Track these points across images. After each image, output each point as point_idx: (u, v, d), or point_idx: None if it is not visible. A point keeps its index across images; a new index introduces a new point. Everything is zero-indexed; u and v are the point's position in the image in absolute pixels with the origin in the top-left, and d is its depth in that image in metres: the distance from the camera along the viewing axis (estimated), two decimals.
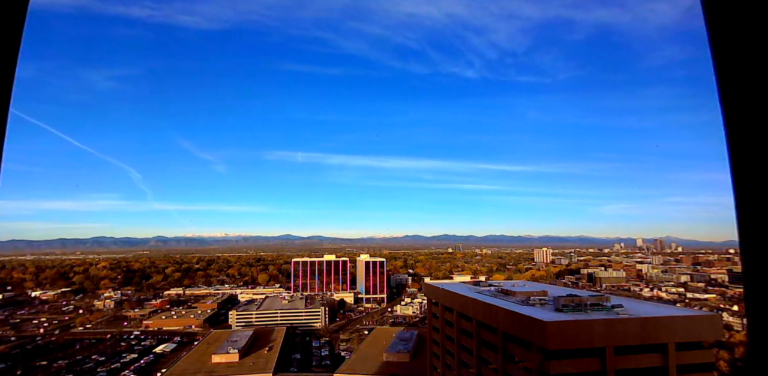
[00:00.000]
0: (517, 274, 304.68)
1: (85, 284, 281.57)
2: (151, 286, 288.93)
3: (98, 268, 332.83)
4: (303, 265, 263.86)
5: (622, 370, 43.54)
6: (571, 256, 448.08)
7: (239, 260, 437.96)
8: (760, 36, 2.30)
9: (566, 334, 43.54)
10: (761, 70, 2.34)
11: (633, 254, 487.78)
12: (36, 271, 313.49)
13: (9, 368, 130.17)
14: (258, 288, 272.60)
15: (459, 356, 63.88)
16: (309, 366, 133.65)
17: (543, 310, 51.08)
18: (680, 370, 44.19)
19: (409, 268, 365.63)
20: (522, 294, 60.97)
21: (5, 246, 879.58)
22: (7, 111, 2.63)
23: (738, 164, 2.37)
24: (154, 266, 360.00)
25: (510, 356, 51.24)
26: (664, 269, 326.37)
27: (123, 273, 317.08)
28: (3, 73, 2.61)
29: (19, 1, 2.65)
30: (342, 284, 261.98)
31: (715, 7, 2.46)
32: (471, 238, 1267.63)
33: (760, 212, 2.32)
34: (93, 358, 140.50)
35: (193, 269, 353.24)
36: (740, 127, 2.38)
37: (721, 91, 2.45)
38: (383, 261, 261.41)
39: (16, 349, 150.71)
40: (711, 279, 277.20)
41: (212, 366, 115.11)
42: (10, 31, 2.61)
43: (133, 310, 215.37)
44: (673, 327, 44.92)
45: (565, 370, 43.52)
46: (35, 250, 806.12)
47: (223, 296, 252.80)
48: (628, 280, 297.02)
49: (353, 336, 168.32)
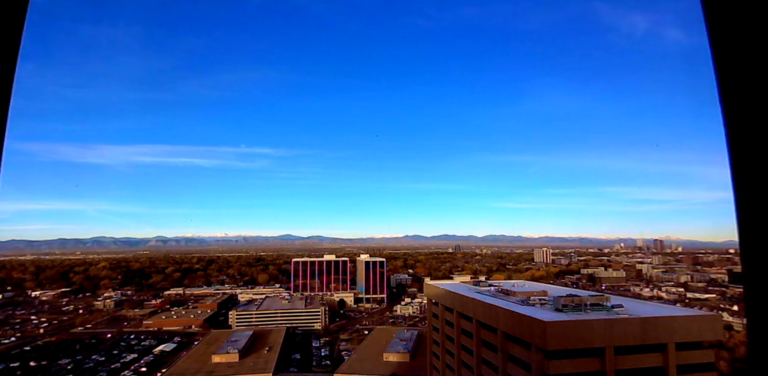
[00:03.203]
0: (517, 274, 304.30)
1: (85, 284, 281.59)
2: (151, 286, 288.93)
3: (98, 268, 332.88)
4: (303, 265, 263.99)
5: (622, 370, 43.57)
6: (571, 256, 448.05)
7: (239, 260, 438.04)
8: (760, 36, 2.29)
9: (566, 334, 43.57)
10: (761, 70, 2.32)
11: (633, 254, 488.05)
12: (36, 271, 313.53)
13: (9, 368, 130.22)
14: (258, 288, 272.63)
15: (459, 356, 63.92)
16: (309, 366, 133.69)
17: (543, 310, 51.10)
18: (680, 370, 44.21)
19: (409, 268, 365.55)
20: (522, 294, 61.00)
21: (5, 246, 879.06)
22: (7, 111, 2.61)
23: (738, 164, 2.35)
24: (154, 266, 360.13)
25: (510, 356, 51.25)
26: (664, 269, 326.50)
27: (123, 273, 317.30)
28: (3, 73, 2.60)
29: (19, 1, 2.65)
30: (342, 284, 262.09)
31: (715, 7, 2.44)
32: (471, 238, 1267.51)
33: (760, 212, 2.31)
34: (93, 358, 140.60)
35: (193, 269, 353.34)
36: (740, 127, 2.37)
37: (721, 91, 2.44)
38: (383, 261, 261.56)
39: (16, 349, 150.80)
40: (711, 279, 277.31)
41: (212, 366, 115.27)
42: (10, 31, 2.60)
43: (133, 310, 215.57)
44: (673, 327, 44.94)
45: (565, 370, 43.54)
46: (35, 250, 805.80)
47: (222, 296, 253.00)
48: (628, 280, 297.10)
49: (353, 336, 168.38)
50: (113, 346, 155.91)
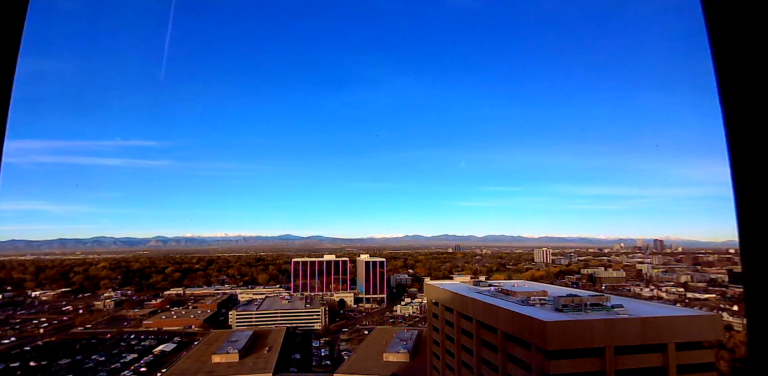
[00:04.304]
0: (517, 274, 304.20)
1: (85, 284, 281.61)
2: (151, 286, 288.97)
3: (98, 268, 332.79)
4: (303, 265, 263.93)
5: (622, 370, 43.58)
6: (571, 256, 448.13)
7: (239, 260, 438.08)
8: (760, 36, 2.29)
9: (566, 334, 43.58)
10: (761, 70, 2.29)
11: (633, 254, 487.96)
12: (36, 271, 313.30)
13: (9, 368, 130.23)
14: (258, 288, 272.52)
15: (459, 356, 63.93)
16: (309, 366, 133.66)
17: (543, 310, 51.11)
18: (680, 370, 44.21)
19: (409, 268, 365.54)
20: (522, 294, 61.01)
21: (5, 246, 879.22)
22: (7, 111, 2.61)
23: (738, 164, 2.35)
24: (154, 266, 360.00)
25: (510, 356, 51.25)
26: (664, 269, 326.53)
27: (123, 273, 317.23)
28: (3, 73, 2.60)
29: (19, 1, 2.65)
30: (342, 284, 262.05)
31: (715, 7, 2.44)
32: (471, 238, 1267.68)
33: (760, 212, 2.31)
34: (93, 358, 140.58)
35: (193, 269, 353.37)
36: (740, 126, 2.36)
37: (721, 91, 2.43)
38: (383, 261, 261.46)
39: (16, 349, 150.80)
40: (711, 279, 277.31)
41: (212, 366, 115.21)
42: (10, 31, 2.59)
43: (133, 310, 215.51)
44: (673, 327, 44.93)
45: (565, 370, 43.55)
46: (35, 250, 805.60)
47: (222, 296, 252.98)
48: (628, 280, 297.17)
49: (353, 336, 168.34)
50: (113, 346, 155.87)
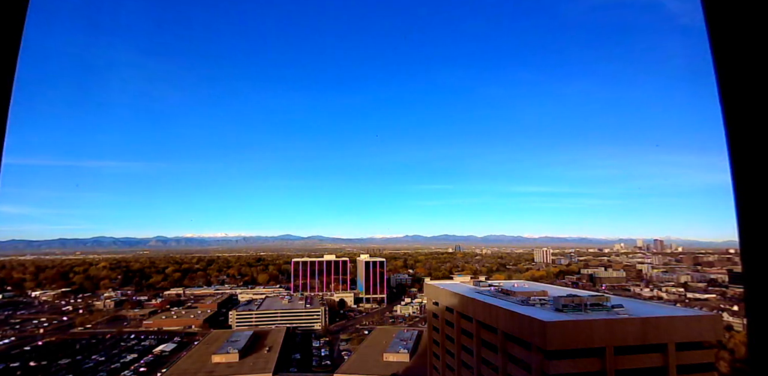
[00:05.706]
0: (517, 274, 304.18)
1: (85, 284, 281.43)
2: (151, 286, 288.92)
3: (98, 268, 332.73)
4: (303, 265, 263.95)
5: (622, 370, 43.56)
6: (571, 256, 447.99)
7: (239, 260, 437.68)
8: (760, 36, 2.28)
9: (566, 334, 43.58)
10: (761, 70, 2.29)
11: (633, 254, 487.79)
12: (36, 271, 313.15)
13: (9, 368, 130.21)
14: (258, 288, 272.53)
15: (459, 356, 63.91)
16: (309, 366, 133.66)
17: (543, 310, 51.09)
18: (680, 370, 44.20)
19: (409, 268, 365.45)
20: (522, 294, 60.99)
21: (5, 246, 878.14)
22: (7, 111, 2.60)
23: (738, 164, 2.35)
24: (154, 266, 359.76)
25: (510, 356, 51.25)
26: (664, 269, 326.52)
27: (123, 273, 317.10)
28: (3, 73, 2.59)
29: (19, 1, 2.65)
30: (342, 284, 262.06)
31: (715, 6, 2.44)
32: (471, 238, 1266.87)
33: (760, 212, 2.30)
34: (93, 358, 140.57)
35: (193, 269, 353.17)
36: (740, 126, 2.36)
37: (721, 91, 2.43)
38: (383, 261, 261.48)
39: (16, 349, 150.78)
40: (711, 279, 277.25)
41: (212, 366, 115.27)
42: (10, 31, 2.59)
43: (133, 310, 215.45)
44: (674, 327, 44.93)
45: (565, 370, 43.54)
46: (35, 250, 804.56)
47: (222, 296, 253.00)
48: (628, 280, 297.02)
49: (353, 336, 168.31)
50: (113, 346, 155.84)
